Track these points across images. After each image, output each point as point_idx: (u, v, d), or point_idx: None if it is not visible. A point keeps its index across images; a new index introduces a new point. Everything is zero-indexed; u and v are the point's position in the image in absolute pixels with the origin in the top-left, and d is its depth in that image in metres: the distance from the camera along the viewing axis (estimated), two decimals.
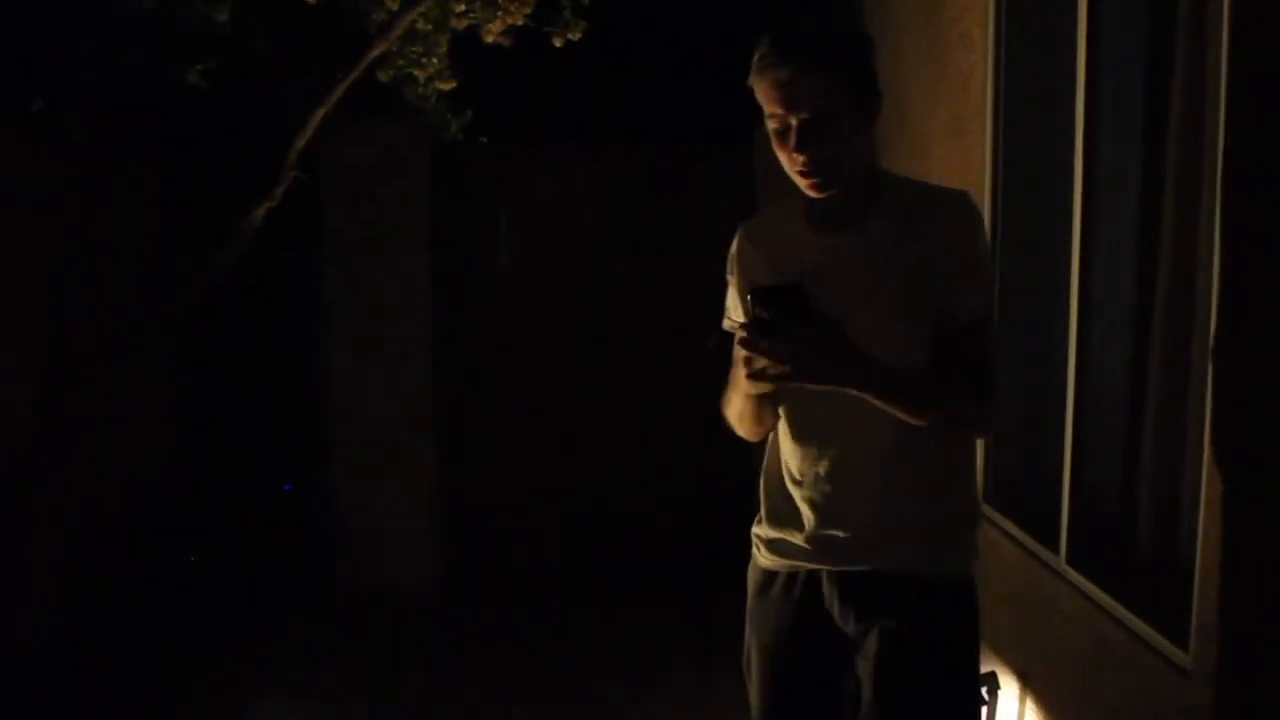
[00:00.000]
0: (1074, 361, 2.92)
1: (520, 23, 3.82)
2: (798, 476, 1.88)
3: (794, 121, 1.69)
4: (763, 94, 1.72)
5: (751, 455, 2.31)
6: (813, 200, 1.80)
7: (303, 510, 5.56)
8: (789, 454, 1.90)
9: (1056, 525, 2.93)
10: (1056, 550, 2.93)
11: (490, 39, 3.75)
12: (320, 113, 3.40)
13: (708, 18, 5.96)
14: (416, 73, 3.84)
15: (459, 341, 5.43)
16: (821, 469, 1.85)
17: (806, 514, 1.87)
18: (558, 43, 3.83)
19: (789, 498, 1.91)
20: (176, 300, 3.49)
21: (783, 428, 1.91)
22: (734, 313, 1.95)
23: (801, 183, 1.77)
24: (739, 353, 1.65)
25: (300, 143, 3.41)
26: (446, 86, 3.89)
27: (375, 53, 3.42)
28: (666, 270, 5.43)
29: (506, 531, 5.47)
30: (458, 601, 5.07)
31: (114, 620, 4.63)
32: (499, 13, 3.76)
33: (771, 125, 1.73)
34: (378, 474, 5.18)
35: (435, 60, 3.79)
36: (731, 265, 1.97)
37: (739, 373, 1.66)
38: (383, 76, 3.85)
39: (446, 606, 5.02)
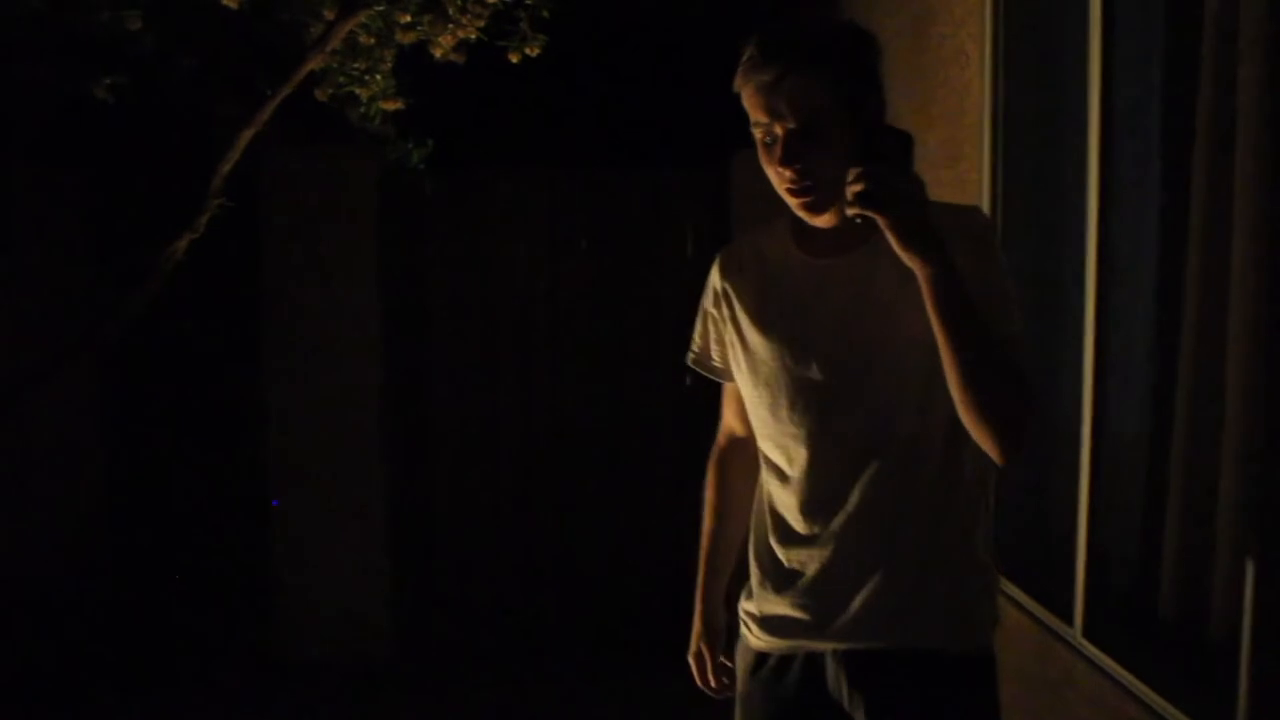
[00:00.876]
0: (1089, 413, 2.69)
1: (473, 36, 3.50)
2: (799, 539, 1.68)
3: (781, 131, 1.52)
4: (748, 100, 1.55)
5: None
6: (804, 221, 1.64)
7: (237, 568, 5.15)
8: (788, 511, 1.70)
9: (1070, 594, 2.73)
10: (1071, 622, 2.74)
11: (439, 54, 3.42)
12: (247, 134, 3.05)
13: (682, 37, 5.73)
14: (358, 91, 3.50)
15: (411, 381, 5.13)
16: (830, 530, 1.64)
17: (809, 585, 1.67)
18: (514, 59, 3.51)
19: (785, 566, 1.71)
20: (87, 337, 3.11)
21: (775, 482, 1.71)
22: (713, 352, 1.80)
23: (791, 202, 1.60)
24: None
25: (226, 167, 3.05)
26: (391, 106, 3.56)
27: (308, 67, 3.09)
28: (635, 303, 5.17)
29: (464, 590, 5.15)
30: (410, 669, 4.74)
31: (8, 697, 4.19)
32: (450, 26, 3.43)
33: (757, 134, 1.57)
34: (321, 529, 4.83)
35: (379, 78, 3.45)
36: (710, 295, 1.80)
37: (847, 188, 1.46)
38: (320, 95, 3.52)
39: (398, 675, 4.67)
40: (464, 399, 5.19)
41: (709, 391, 1.97)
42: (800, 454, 1.65)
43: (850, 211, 1.44)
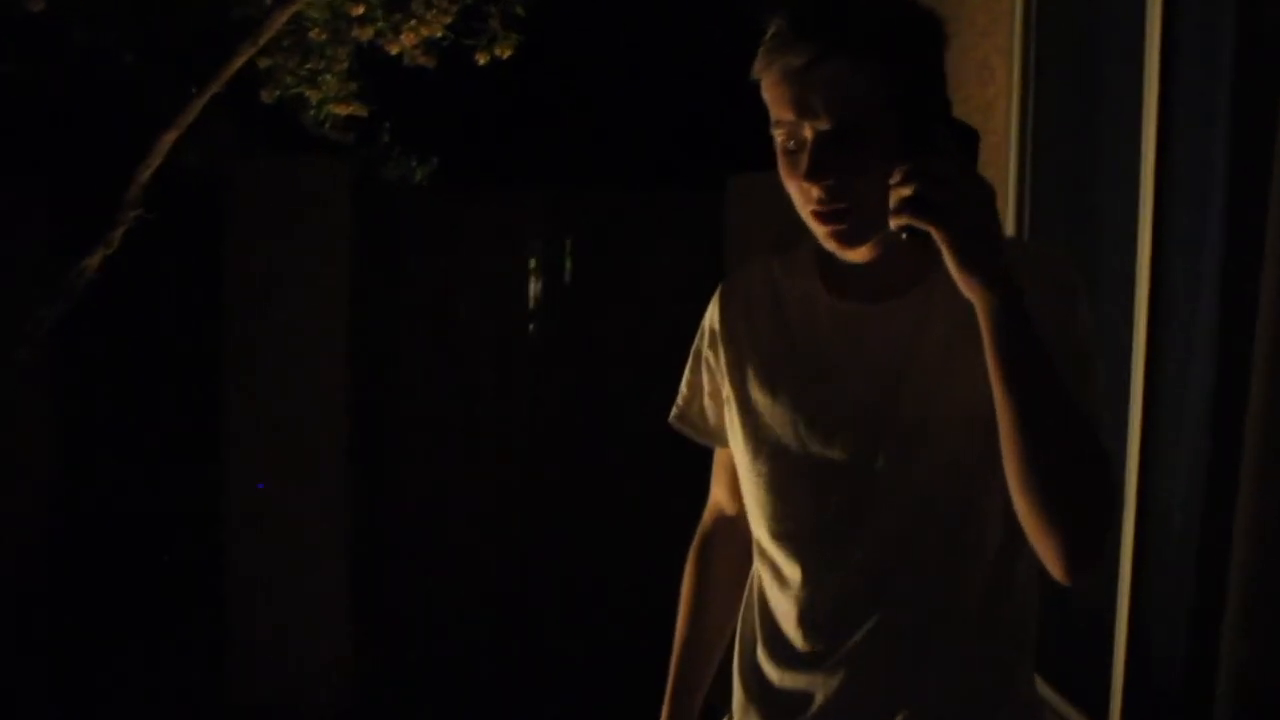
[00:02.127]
0: (1134, 480, 2.34)
1: (439, 34, 3.13)
2: (798, 660, 1.35)
3: (810, 133, 1.19)
4: (770, 90, 1.22)
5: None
6: (833, 255, 1.30)
7: (187, 602, 4.77)
8: (786, 621, 1.36)
9: (1106, 692, 2.44)
10: None
11: (395, 50, 3.04)
12: (169, 137, 2.68)
13: (680, 57, 5.44)
14: (308, 93, 3.12)
15: (380, 408, 4.80)
16: (840, 652, 1.32)
17: (821, 706, 1.33)
18: (482, 59, 3.14)
19: (778, 691, 1.38)
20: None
21: (771, 583, 1.38)
22: (705, 407, 1.48)
23: (818, 229, 1.25)
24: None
25: (145, 174, 2.69)
26: (344, 110, 3.18)
27: (239, 62, 2.72)
28: (623, 332, 4.80)
29: (431, 632, 4.78)
30: (373, 717, 4.38)
31: None
32: (411, 21, 3.05)
33: (778, 138, 1.23)
34: (279, 561, 4.46)
35: (330, 78, 3.07)
36: (706, 336, 1.46)
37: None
38: (266, 96, 3.15)
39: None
40: (438, 428, 4.83)
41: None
42: (807, 553, 1.32)
43: (896, 223, 1.12)
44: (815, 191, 1.21)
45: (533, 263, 4.85)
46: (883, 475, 1.27)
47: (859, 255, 1.29)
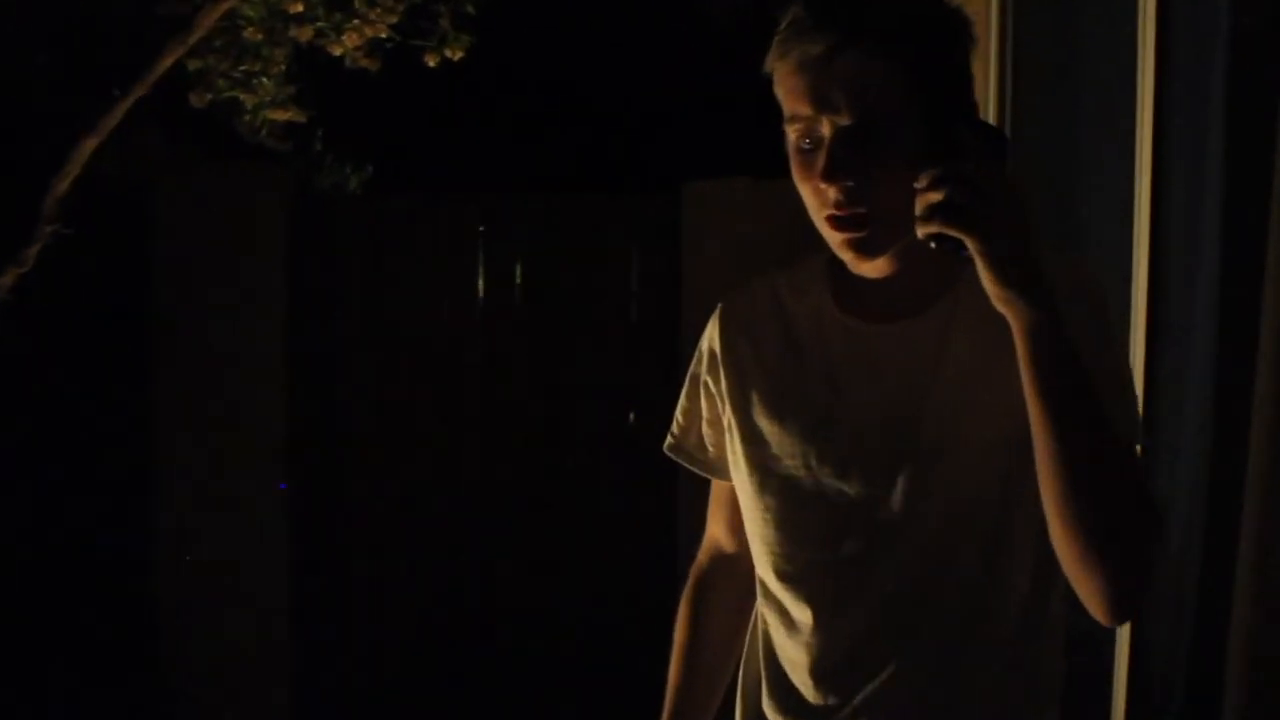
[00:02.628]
0: None
1: (384, 35, 2.95)
2: (807, 712, 1.26)
3: (828, 130, 1.12)
4: (784, 83, 1.16)
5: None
6: (845, 267, 1.24)
7: (114, 645, 4.50)
8: (794, 670, 1.27)
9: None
10: None
11: (339, 52, 2.85)
12: (89, 144, 2.47)
13: (633, 61, 5.31)
14: (242, 97, 2.91)
15: (321, 433, 4.57)
16: (853, 703, 1.23)
17: None
18: (431, 61, 2.96)
19: None
20: None
21: (779, 628, 1.29)
22: (703, 436, 1.39)
23: (833, 237, 1.18)
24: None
25: (63, 185, 2.47)
26: (281, 116, 2.98)
27: (166, 63, 2.52)
28: (575, 340, 4.63)
29: (377, 664, 4.57)
30: None
31: None
32: (355, 21, 2.86)
33: (792, 136, 1.17)
34: (213, 605, 4.26)
35: (267, 81, 2.87)
36: (705, 359, 1.37)
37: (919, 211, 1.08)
38: (196, 100, 2.94)
39: None
40: (383, 452, 4.62)
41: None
42: (819, 594, 1.24)
43: (924, 231, 1.06)
44: (832, 194, 1.13)
45: (480, 270, 4.66)
46: (902, 509, 1.19)
47: (875, 269, 1.21)
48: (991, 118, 2.76)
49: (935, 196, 1.03)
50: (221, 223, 4.31)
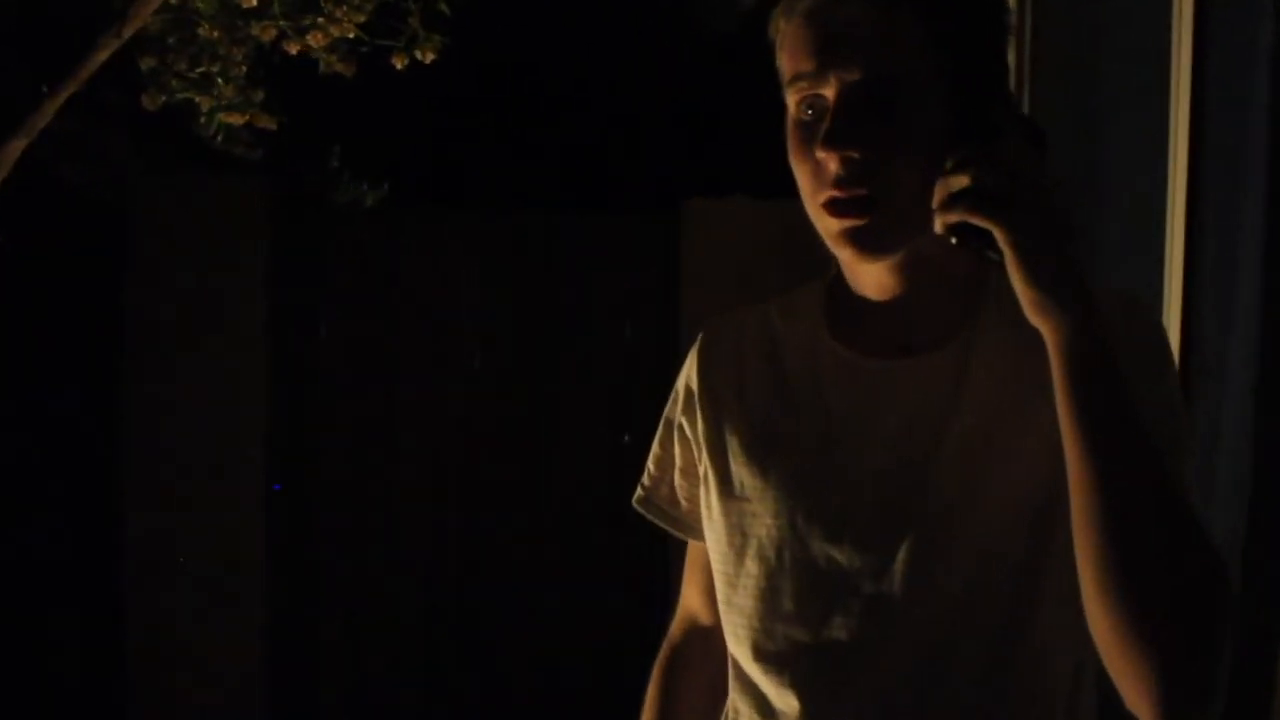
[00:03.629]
0: None
1: (351, 35, 2.74)
2: None
3: (834, 90, 0.96)
4: (787, 39, 1.00)
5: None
6: (846, 288, 1.08)
7: (84, 676, 4.30)
8: None
9: None
10: None
11: (295, 50, 2.64)
12: (16, 145, 2.27)
13: (626, 74, 5.18)
14: (198, 99, 2.71)
15: (301, 455, 4.41)
16: None
17: None
18: (399, 64, 2.75)
19: None
20: None
21: (754, 715, 1.09)
22: (676, 488, 1.20)
23: (830, 225, 0.99)
24: None
25: None
26: (238, 120, 2.77)
27: (101, 56, 2.31)
28: (571, 361, 4.46)
29: (357, 695, 4.38)
30: None
31: None
32: (319, 19, 2.66)
33: (792, 102, 1.00)
34: (188, 635, 4.10)
35: (223, 83, 2.67)
36: (683, 398, 1.19)
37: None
38: (148, 103, 2.74)
39: None
40: (364, 478, 4.44)
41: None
42: (804, 681, 1.04)
43: (945, 220, 0.89)
44: (833, 166, 0.95)
45: (470, 288, 4.49)
46: (905, 583, 0.99)
47: (879, 286, 1.03)
48: None
49: (961, 180, 0.87)
50: (200, 236, 4.18)
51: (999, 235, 0.87)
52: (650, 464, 1.23)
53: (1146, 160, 1.95)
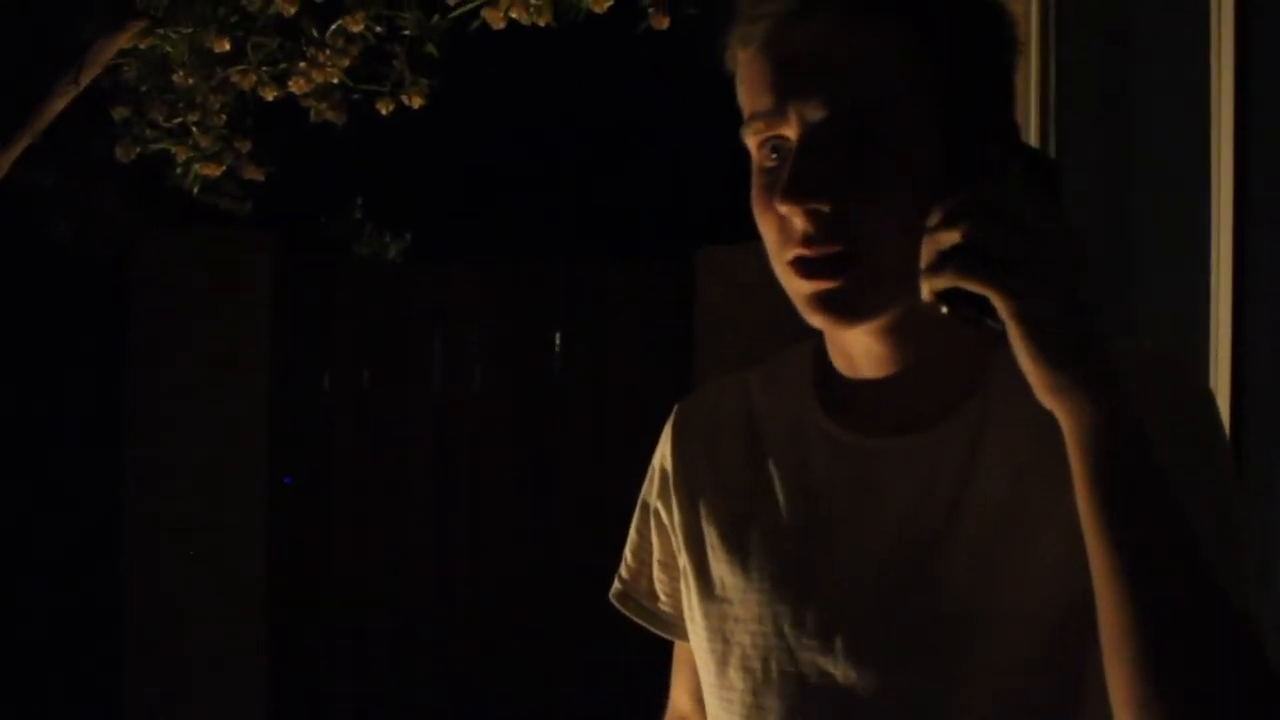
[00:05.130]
0: None
1: (336, 80, 2.61)
2: None
3: (795, 129, 0.81)
4: (745, 72, 0.85)
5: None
6: (835, 365, 0.93)
7: None
8: None
9: None
10: None
11: (271, 97, 2.51)
12: None
13: (645, 129, 5.13)
14: (173, 149, 2.59)
15: (305, 511, 4.31)
16: None
17: None
18: (384, 109, 2.62)
19: None
20: None
21: None
22: (654, 582, 1.05)
23: (799, 288, 0.85)
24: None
25: None
26: (214, 171, 2.64)
27: (59, 103, 2.19)
28: (582, 413, 4.37)
29: None
30: None
31: None
32: (303, 65, 2.53)
33: (753, 145, 0.84)
34: (188, 692, 4.00)
35: (198, 133, 2.54)
36: (658, 480, 1.04)
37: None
38: (121, 155, 2.62)
39: None
40: (368, 533, 4.34)
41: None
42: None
43: (933, 287, 0.74)
44: (798, 222, 0.81)
45: (478, 341, 4.43)
46: (911, 703, 0.84)
47: (871, 357, 0.89)
48: (1033, 112, 2.34)
49: (951, 236, 0.72)
50: (202, 286, 4.12)
51: (999, 304, 0.72)
52: (628, 553, 1.08)
53: (1188, 199, 1.75)
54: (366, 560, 4.32)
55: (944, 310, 0.74)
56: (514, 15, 2.50)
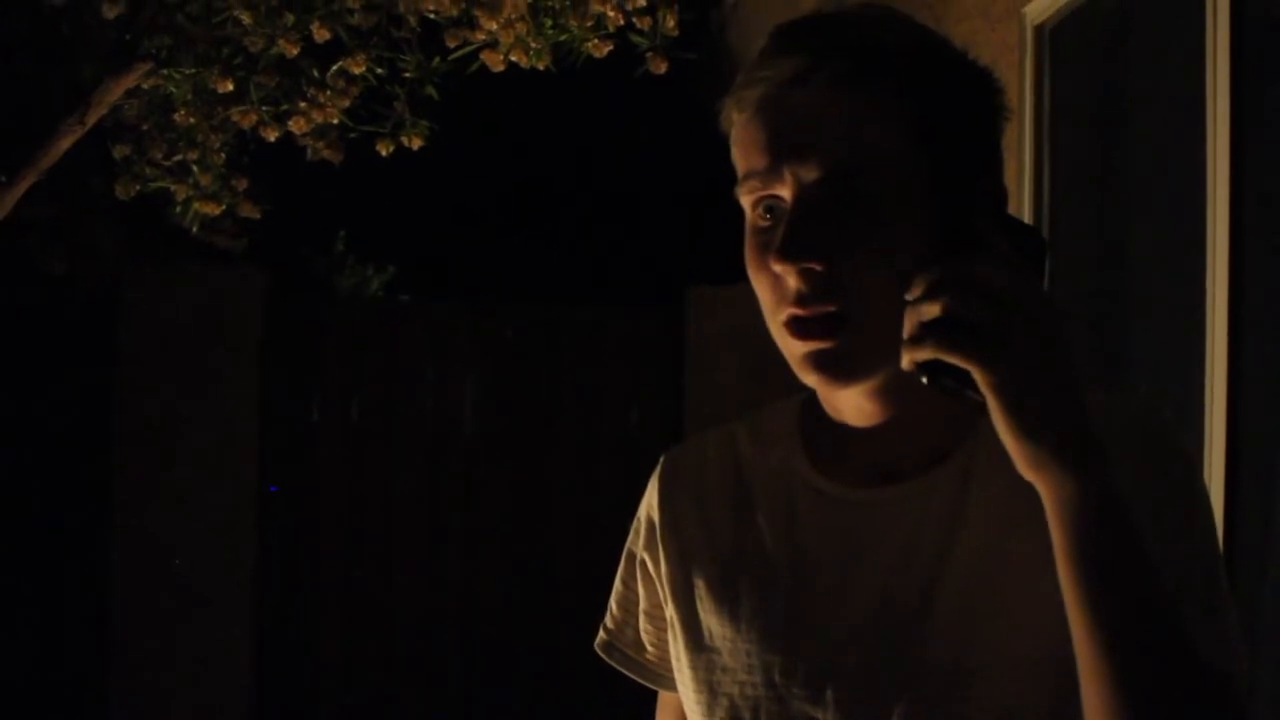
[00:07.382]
0: None
1: (336, 120, 2.63)
2: None
3: (790, 190, 0.83)
4: (741, 134, 0.87)
5: None
6: (823, 411, 0.94)
7: None
8: None
9: None
10: None
11: (273, 138, 2.52)
12: None
13: (630, 163, 5.15)
14: (173, 187, 2.59)
15: (292, 541, 4.32)
16: None
17: None
18: (384, 150, 2.64)
19: None
20: None
21: None
22: (641, 632, 1.04)
23: (793, 348, 0.87)
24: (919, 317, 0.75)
25: None
26: (213, 210, 2.65)
27: (64, 143, 2.20)
28: (571, 455, 4.40)
29: None
30: None
31: None
32: (303, 105, 2.55)
33: (747, 205, 0.87)
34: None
35: (199, 171, 2.55)
36: (644, 531, 1.04)
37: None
38: (121, 193, 2.62)
39: None
40: (354, 570, 4.33)
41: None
42: None
43: (913, 358, 0.76)
44: (792, 282, 0.83)
45: (468, 381, 4.42)
46: None
47: (860, 412, 0.90)
48: (1026, 189, 2.36)
49: (931, 309, 0.73)
50: (191, 320, 4.13)
51: (978, 377, 0.73)
52: (613, 603, 1.07)
53: (1184, 267, 1.77)
54: (353, 592, 4.32)
55: (924, 381, 0.76)
56: (514, 58, 2.52)
